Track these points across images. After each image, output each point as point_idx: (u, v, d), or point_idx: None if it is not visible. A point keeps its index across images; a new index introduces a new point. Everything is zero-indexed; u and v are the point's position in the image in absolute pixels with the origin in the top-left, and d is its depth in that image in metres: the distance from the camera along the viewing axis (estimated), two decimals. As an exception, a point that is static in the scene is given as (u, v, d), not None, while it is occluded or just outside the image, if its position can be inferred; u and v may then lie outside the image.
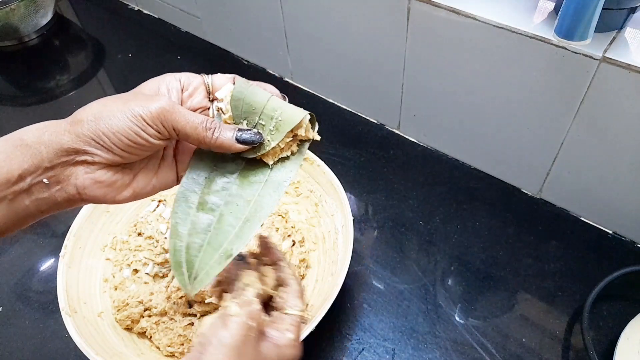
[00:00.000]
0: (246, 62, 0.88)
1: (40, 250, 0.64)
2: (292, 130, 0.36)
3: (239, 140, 0.35)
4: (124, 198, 0.36)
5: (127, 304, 0.52)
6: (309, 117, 0.37)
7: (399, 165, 0.70)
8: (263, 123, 0.36)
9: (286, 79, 0.84)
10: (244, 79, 0.38)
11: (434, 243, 0.61)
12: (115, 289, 0.55)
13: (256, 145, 0.35)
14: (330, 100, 0.80)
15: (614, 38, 0.49)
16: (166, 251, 0.57)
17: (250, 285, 0.37)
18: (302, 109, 0.37)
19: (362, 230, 0.63)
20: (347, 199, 0.54)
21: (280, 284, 0.39)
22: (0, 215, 0.32)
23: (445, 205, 0.64)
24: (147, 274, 0.56)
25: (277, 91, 0.39)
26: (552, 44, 0.50)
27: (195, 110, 0.37)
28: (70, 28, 1.02)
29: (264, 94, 0.37)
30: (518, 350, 0.51)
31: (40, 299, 0.59)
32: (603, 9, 0.45)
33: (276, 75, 0.85)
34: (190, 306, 0.35)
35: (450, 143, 0.69)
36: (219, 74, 0.39)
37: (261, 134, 0.36)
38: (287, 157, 0.38)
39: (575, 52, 0.49)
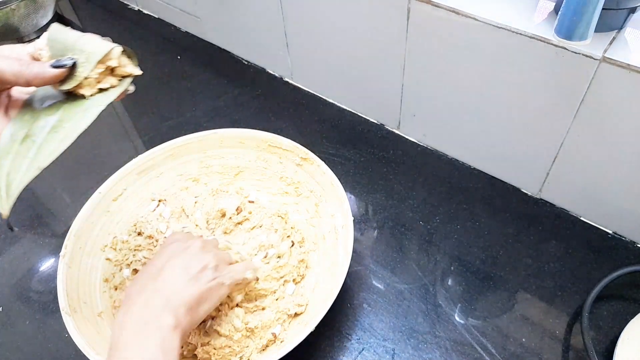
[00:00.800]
0: (246, 62, 0.88)
1: (40, 250, 0.64)
2: (102, 62, 0.39)
3: (53, 65, 0.37)
4: None
5: (127, 304, 0.52)
6: (119, 49, 0.40)
7: (399, 165, 0.70)
8: (76, 57, 0.39)
9: (286, 79, 0.84)
10: (61, 25, 0.41)
11: (433, 243, 0.61)
12: (116, 289, 0.55)
13: (71, 67, 0.38)
14: (330, 100, 0.80)
15: (613, 38, 0.49)
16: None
17: None
18: (115, 44, 0.40)
19: (362, 230, 0.63)
20: (347, 199, 0.54)
21: None
22: None
23: (445, 205, 0.64)
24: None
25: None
26: (552, 44, 0.50)
27: None
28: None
29: (76, 34, 0.40)
30: (518, 350, 0.51)
31: (41, 299, 0.59)
32: (603, 9, 0.45)
33: (276, 75, 0.85)
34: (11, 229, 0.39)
35: (450, 143, 0.69)
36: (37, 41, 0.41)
37: (73, 58, 0.38)
38: (107, 89, 0.41)
39: (575, 52, 0.49)
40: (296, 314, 0.52)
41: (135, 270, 0.56)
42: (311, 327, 0.45)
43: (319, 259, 0.57)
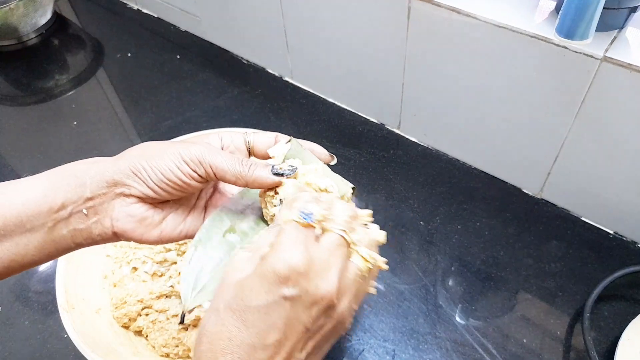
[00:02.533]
0: (246, 62, 0.88)
1: (40, 250, 0.64)
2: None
3: (274, 173, 0.36)
4: (152, 237, 0.37)
5: (125, 302, 0.52)
6: (351, 191, 0.38)
7: (399, 165, 0.69)
8: (295, 165, 0.37)
9: (286, 79, 0.84)
10: (298, 140, 0.39)
11: (434, 243, 0.61)
12: (114, 286, 0.55)
13: (290, 176, 0.36)
14: (330, 100, 0.79)
15: (615, 37, 0.49)
16: (166, 250, 0.57)
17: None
18: (347, 182, 0.38)
19: (362, 230, 0.62)
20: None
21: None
22: (38, 243, 0.34)
23: (446, 205, 0.64)
24: (146, 272, 0.56)
25: (326, 152, 0.40)
26: (553, 43, 0.49)
27: None
28: (69, 27, 1.02)
29: (313, 160, 0.38)
30: (519, 351, 0.51)
31: (40, 299, 0.59)
32: (604, 8, 0.45)
33: (276, 74, 0.85)
34: (182, 322, 0.35)
35: (451, 143, 0.69)
36: (260, 133, 0.40)
37: (294, 167, 0.36)
38: None
39: (576, 52, 0.48)
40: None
41: (135, 269, 0.56)
42: None
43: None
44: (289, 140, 0.39)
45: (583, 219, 0.62)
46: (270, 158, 0.38)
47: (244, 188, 0.38)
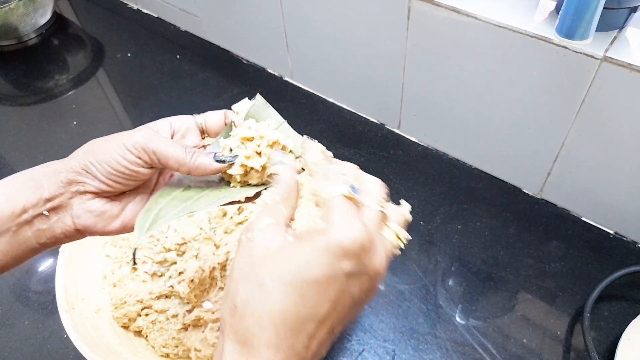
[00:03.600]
0: (246, 62, 0.88)
1: (39, 250, 0.64)
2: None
3: (216, 160, 0.36)
4: (114, 229, 0.38)
5: (125, 302, 0.52)
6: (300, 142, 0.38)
7: (399, 165, 0.69)
8: (238, 154, 0.37)
9: (286, 79, 0.84)
10: (263, 99, 0.40)
11: (434, 243, 0.61)
12: (114, 286, 0.55)
13: (232, 164, 0.37)
14: (330, 100, 0.79)
15: (615, 37, 0.49)
16: (167, 250, 0.57)
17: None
18: (299, 135, 0.38)
19: (362, 230, 0.62)
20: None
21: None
22: (5, 248, 0.35)
23: (446, 205, 0.64)
24: (146, 272, 0.56)
25: (321, 147, 0.37)
26: (553, 43, 0.49)
27: None
28: (69, 27, 1.02)
29: (277, 118, 0.39)
30: (519, 351, 0.51)
31: (40, 299, 0.59)
32: (604, 8, 0.45)
33: (276, 74, 0.85)
34: (134, 262, 0.37)
35: (451, 143, 0.69)
36: (209, 112, 0.41)
37: (237, 156, 0.37)
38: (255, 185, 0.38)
39: (577, 52, 0.48)
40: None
41: (135, 268, 0.56)
42: None
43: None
44: (254, 97, 0.40)
45: (583, 218, 0.62)
46: (235, 113, 0.39)
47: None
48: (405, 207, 0.34)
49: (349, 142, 0.73)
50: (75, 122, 0.80)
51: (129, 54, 0.92)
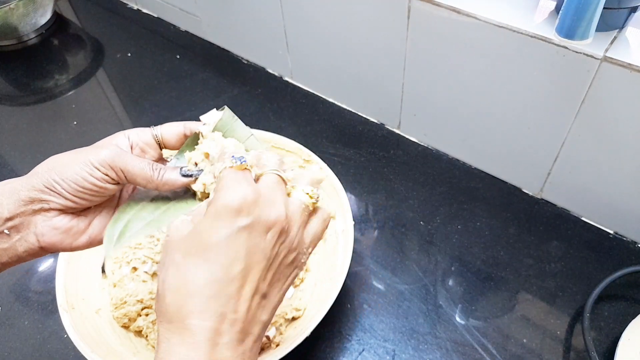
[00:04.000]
0: (246, 62, 0.88)
1: (39, 250, 0.64)
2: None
3: (183, 174, 0.37)
4: (81, 244, 0.38)
5: (125, 302, 0.52)
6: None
7: (399, 165, 0.69)
8: (202, 169, 0.38)
9: (286, 79, 0.84)
10: (231, 112, 0.40)
11: (434, 243, 0.61)
12: (114, 286, 0.55)
13: (199, 177, 0.37)
14: (330, 100, 0.79)
15: (615, 37, 0.49)
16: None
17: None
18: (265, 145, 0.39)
19: (362, 231, 0.63)
20: (349, 203, 0.54)
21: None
22: None
23: (446, 205, 0.64)
24: (146, 272, 0.56)
25: (321, 176, 0.38)
26: (553, 43, 0.49)
27: None
28: (69, 27, 1.02)
29: (244, 131, 0.40)
30: (519, 351, 0.51)
31: (40, 299, 0.59)
32: (604, 8, 0.45)
33: (276, 74, 0.85)
34: (103, 271, 0.38)
35: (451, 143, 0.69)
36: (167, 124, 0.41)
37: (202, 170, 0.37)
38: None
39: (576, 52, 0.48)
40: (294, 318, 0.52)
41: (135, 269, 0.56)
42: (306, 333, 0.45)
43: (319, 262, 0.56)
44: (222, 109, 0.40)
45: (583, 218, 0.62)
46: (203, 124, 0.40)
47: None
48: (313, 168, 0.36)
49: (349, 142, 0.73)
50: (75, 122, 0.80)
51: (129, 54, 0.92)
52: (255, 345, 0.31)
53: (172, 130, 0.40)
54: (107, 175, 0.36)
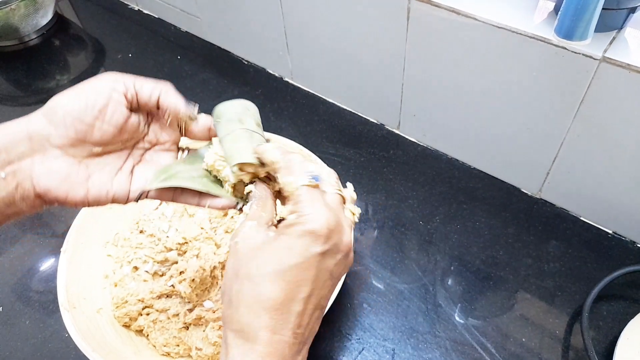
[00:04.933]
0: (246, 62, 0.88)
1: (41, 249, 0.64)
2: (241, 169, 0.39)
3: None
4: (79, 197, 0.36)
5: (126, 302, 0.52)
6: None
7: (399, 165, 0.70)
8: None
9: (286, 79, 0.84)
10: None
11: (433, 243, 0.61)
12: (115, 285, 0.55)
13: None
14: (330, 100, 0.80)
15: (613, 38, 0.49)
16: (167, 250, 0.57)
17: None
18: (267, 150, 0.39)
19: (362, 230, 0.63)
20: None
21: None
22: None
23: (445, 205, 0.64)
24: (147, 272, 0.56)
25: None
26: (552, 43, 0.50)
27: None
28: (70, 28, 1.02)
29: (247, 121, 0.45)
30: (518, 350, 0.51)
31: (41, 298, 0.59)
32: (603, 8, 0.45)
33: (276, 75, 0.85)
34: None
35: (450, 143, 0.69)
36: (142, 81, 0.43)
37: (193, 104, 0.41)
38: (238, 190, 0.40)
39: (575, 52, 0.49)
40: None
41: (136, 268, 0.56)
42: None
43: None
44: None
45: (582, 218, 0.62)
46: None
47: (191, 156, 0.42)
48: (350, 188, 0.38)
49: (349, 142, 0.73)
50: (76, 123, 0.80)
51: (130, 55, 0.92)
52: (306, 351, 0.33)
53: (169, 97, 0.43)
54: (124, 95, 0.39)
